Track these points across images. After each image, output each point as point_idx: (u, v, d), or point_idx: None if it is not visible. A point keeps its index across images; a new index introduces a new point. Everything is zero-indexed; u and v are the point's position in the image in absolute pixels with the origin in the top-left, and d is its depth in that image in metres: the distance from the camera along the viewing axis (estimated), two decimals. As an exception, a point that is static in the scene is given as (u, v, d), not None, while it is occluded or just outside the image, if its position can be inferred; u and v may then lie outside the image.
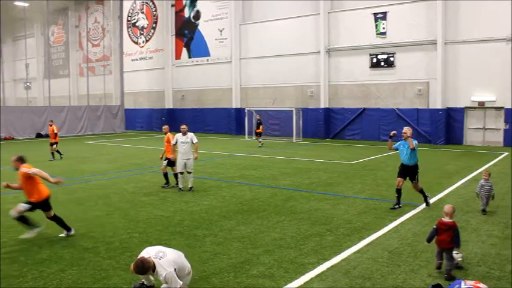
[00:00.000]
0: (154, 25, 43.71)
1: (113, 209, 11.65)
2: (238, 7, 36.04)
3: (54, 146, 22.41)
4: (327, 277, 6.86)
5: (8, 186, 9.06)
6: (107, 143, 32.18)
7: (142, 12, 44.90)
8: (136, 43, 45.62)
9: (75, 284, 6.81)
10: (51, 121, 24.19)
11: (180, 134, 13.74)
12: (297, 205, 11.62)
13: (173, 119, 39.29)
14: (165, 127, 15.36)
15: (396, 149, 11.31)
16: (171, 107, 41.94)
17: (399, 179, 11.16)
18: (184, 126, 13.93)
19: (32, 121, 37.68)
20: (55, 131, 22.70)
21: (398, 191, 11.08)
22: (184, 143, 13.53)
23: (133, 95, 45.92)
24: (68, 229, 9.22)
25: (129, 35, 46.19)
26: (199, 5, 39.27)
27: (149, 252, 5.81)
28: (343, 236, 8.90)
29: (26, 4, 49.30)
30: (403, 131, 11.19)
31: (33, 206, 8.95)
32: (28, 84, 61.44)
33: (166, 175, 14.49)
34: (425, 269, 7.08)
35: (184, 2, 40.55)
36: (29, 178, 8.83)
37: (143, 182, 14.85)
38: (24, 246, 8.69)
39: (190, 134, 13.71)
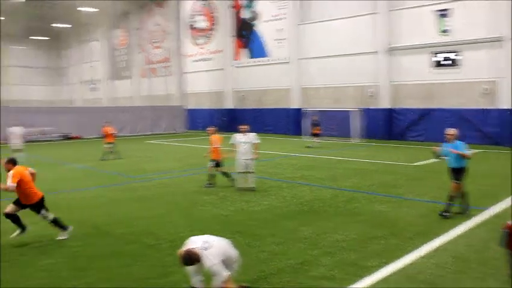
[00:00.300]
0: (213, 26, 44.33)
1: (175, 207, 11.93)
2: (296, 7, 35.90)
3: (108, 146, 22.85)
4: (390, 281, 6.71)
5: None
6: (169, 142, 32.97)
7: (202, 14, 45.62)
8: (196, 44, 46.41)
9: (139, 278, 7.05)
10: (108, 122, 24.50)
11: (240, 134, 13.86)
12: (359, 207, 11.45)
13: (234, 119, 39.60)
14: (210, 129, 15.44)
15: (445, 155, 10.79)
16: (231, 107, 42.31)
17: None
18: (244, 126, 14.03)
19: (98, 121, 39.14)
20: (111, 132, 23.20)
21: (461, 195, 10.64)
22: (245, 143, 13.61)
23: (194, 96, 46.74)
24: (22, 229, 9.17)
25: (189, 36, 47.05)
26: (257, 6, 39.46)
27: (195, 242, 5.77)
28: (406, 239, 8.67)
29: (95, 9, 51.32)
30: (448, 133, 10.63)
31: (24, 207, 9.07)
32: (94, 85, 64.22)
33: (212, 176, 14.64)
34: (494, 277, 6.77)
35: (242, 3, 40.88)
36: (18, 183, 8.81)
37: (204, 181, 15.03)
38: (90, 240, 9.08)
39: (252, 134, 13.77)
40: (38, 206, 9.11)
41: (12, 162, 9.00)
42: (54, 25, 60.36)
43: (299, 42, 36.01)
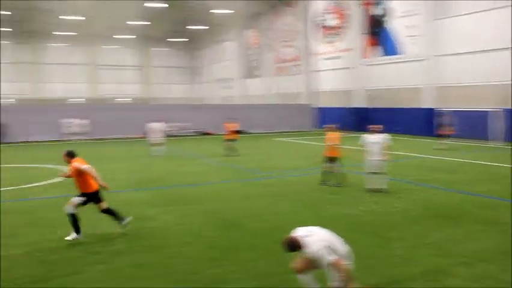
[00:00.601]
0: (343, 24, 43.94)
1: (303, 204, 12.15)
2: (431, 2, 34.20)
3: (229, 142, 23.57)
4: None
5: (63, 175, 9.71)
6: (297, 140, 33.40)
7: (332, 12, 45.45)
8: (326, 43, 46.36)
9: (266, 273, 7.34)
10: (230, 118, 25.09)
11: (370, 134, 13.69)
12: (496, 215, 10.69)
13: (364, 118, 38.76)
14: (328, 126, 15.37)
15: None
16: (361, 106, 41.58)
17: None
18: (376, 126, 13.87)
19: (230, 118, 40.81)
20: (233, 128, 23.93)
21: None
22: (375, 143, 13.43)
23: (324, 94, 46.76)
24: (121, 219, 9.50)
25: (319, 35, 47.13)
26: (388, 2, 38.32)
27: (300, 231, 5.87)
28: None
29: (229, 11, 53.60)
30: None
31: (87, 197, 9.27)
32: (227, 84, 67.25)
33: (325, 173, 14.69)
34: None
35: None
36: (80, 172, 9.15)
37: (333, 180, 15.04)
38: (224, 233, 9.62)
39: (382, 135, 13.56)
40: (89, 198, 9.33)
41: (70, 155, 9.46)
42: (189, 27, 64.11)
43: (435, 39, 34.25)
